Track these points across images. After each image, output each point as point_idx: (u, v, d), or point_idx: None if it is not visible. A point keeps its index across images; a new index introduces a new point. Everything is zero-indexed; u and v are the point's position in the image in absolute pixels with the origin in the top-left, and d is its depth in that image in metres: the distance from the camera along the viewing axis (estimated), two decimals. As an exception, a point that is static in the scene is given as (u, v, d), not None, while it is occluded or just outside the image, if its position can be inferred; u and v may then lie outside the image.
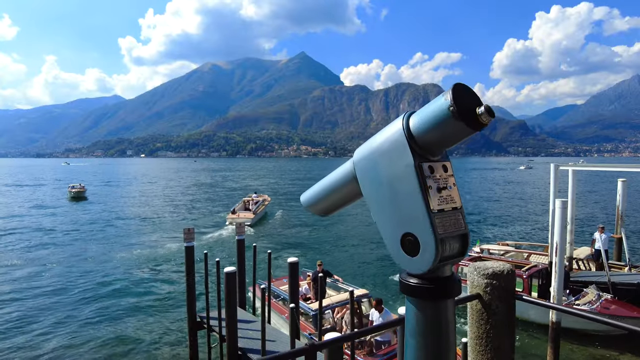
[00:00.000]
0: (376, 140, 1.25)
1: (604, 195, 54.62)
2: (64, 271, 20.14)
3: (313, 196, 1.60)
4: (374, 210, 1.29)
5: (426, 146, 1.17)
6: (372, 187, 1.28)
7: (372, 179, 1.27)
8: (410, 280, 1.22)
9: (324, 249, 25.72)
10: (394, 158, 1.19)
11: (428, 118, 1.11)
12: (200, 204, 48.72)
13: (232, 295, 8.35)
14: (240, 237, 11.86)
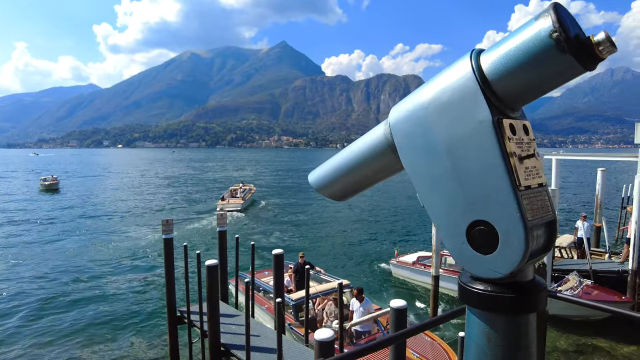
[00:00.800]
0: (427, 92, 0.89)
1: (583, 184, 55.93)
2: (37, 266, 19.30)
3: (328, 175, 1.23)
4: (423, 189, 0.93)
5: (507, 96, 0.82)
6: (420, 157, 0.92)
7: (422, 147, 0.92)
8: (478, 286, 0.87)
9: (306, 238, 25.42)
10: (458, 114, 0.83)
11: (514, 53, 0.75)
12: (181, 195, 47.71)
13: (214, 289, 7.95)
14: (221, 228, 11.41)
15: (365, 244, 23.92)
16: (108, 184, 61.70)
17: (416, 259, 17.05)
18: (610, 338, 11.88)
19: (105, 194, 47.61)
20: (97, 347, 11.55)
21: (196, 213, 34.51)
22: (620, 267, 14.14)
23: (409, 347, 8.90)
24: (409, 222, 30.64)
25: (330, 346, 4.88)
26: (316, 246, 23.65)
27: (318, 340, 4.84)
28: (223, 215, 11.63)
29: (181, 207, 38.66)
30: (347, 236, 26.09)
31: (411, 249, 21.46)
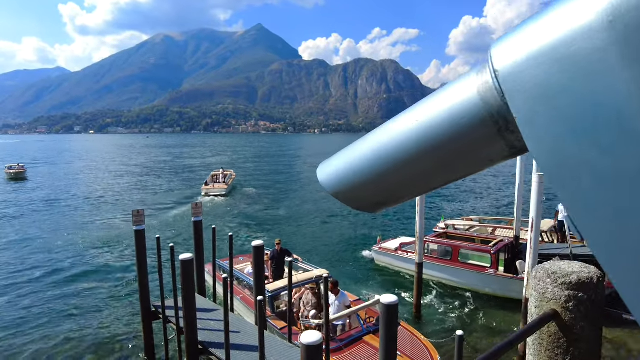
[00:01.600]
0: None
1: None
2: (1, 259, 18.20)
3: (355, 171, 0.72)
4: (596, 205, 0.45)
5: None
6: (595, 141, 0.43)
7: (580, 115, 0.44)
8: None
9: (286, 225, 24.95)
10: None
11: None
12: (156, 182, 46.26)
13: (189, 285, 7.40)
14: (197, 218, 10.77)
15: (347, 230, 23.63)
16: (79, 172, 58.69)
17: (399, 245, 16.82)
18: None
19: (77, 183, 45.39)
20: (68, 345, 10.85)
21: (172, 202, 33.49)
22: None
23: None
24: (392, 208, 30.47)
25: (318, 351, 4.43)
26: (296, 233, 23.21)
27: (305, 344, 4.38)
28: (198, 204, 10.98)
29: (156, 195, 37.48)
30: (327, 222, 25.75)
31: (393, 234, 21.28)
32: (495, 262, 13.82)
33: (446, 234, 17.02)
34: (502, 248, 14.48)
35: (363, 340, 8.66)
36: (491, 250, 13.96)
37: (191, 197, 35.46)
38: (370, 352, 8.28)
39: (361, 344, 8.53)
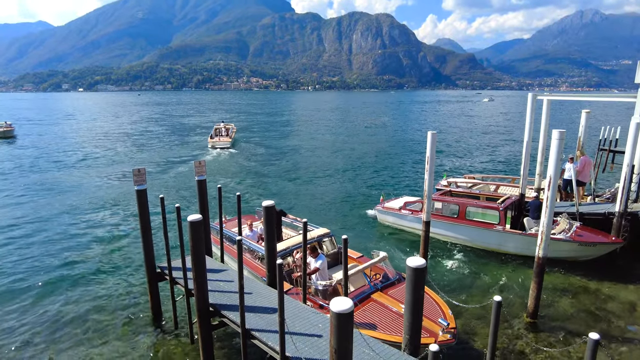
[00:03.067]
0: None
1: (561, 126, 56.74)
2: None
3: None
4: None
5: None
6: None
7: None
8: None
9: (287, 183, 24.61)
10: None
11: None
12: (153, 141, 45.22)
13: (199, 247, 7.07)
14: (200, 177, 10.33)
15: (350, 190, 23.37)
16: (71, 131, 56.67)
17: (402, 204, 16.62)
18: (597, 277, 11.99)
19: (68, 142, 44.04)
20: (71, 305, 10.69)
21: (173, 160, 32.92)
22: (606, 209, 14.13)
23: (398, 300, 8.44)
24: (393, 167, 30.21)
25: (350, 318, 4.16)
26: (297, 192, 22.93)
27: (336, 312, 4.09)
28: (201, 163, 10.50)
29: (156, 154, 36.77)
30: (330, 182, 25.44)
31: (396, 194, 21.08)
32: (503, 218, 13.69)
33: (450, 192, 16.79)
34: (509, 205, 14.32)
35: (371, 298, 8.54)
36: (499, 207, 13.79)
37: (192, 155, 34.96)
38: (379, 309, 8.17)
39: (370, 302, 8.40)
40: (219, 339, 8.97)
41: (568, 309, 10.40)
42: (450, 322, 7.60)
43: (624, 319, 9.98)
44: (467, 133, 52.61)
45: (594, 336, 4.34)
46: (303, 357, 5.86)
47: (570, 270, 12.39)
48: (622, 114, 77.49)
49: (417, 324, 5.89)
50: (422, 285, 5.57)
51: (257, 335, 6.60)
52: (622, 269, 12.55)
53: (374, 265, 9.43)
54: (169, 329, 9.50)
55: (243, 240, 11.32)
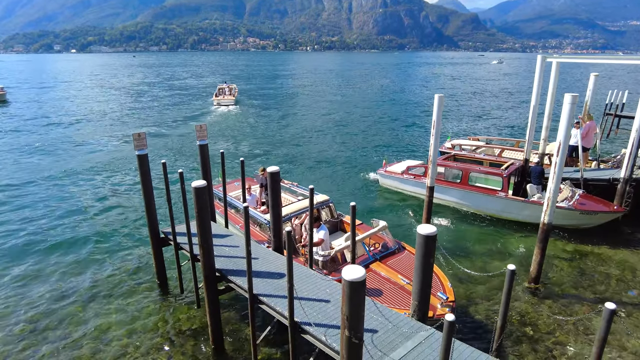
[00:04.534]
0: None
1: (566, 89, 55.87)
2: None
3: None
4: None
5: None
6: None
7: None
8: None
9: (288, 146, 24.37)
10: None
11: None
12: (155, 104, 44.28)
13: (204, 213, 6.97)
14: (202, 141, 10.09)
15: (351, 153, 23.19)
16: (67, 94, 54.77)
17: (405, 168, 16.50)
18: (599, 244, 12.07)
19: (64, 106, 42.98)
20: (76, 273, 10.75)
21: (173, 123, 32.46)
22: (610, 175, 14.05)
23: (397, 271, 8.43)
24: (395, 130, 29.89)
25: (362, 287, 4.11)
26: (296, 155, 22.73)
27: (349, 280, 4.04)
28: (202, 127, 10.23)
29: (155, 117, 36.24)
30: (330, 145, 25.20)
31: (399, 157, 20.92)
32: (507, 185, 13.62)
33: (454, 156, 16.65)
34: (513, 171, 14.21)
35: (370, 269, 8.46)
36: (503, 173, 13.69)
37: (194, 117, 34.50)
38: (377, 279, 8.11)
39: (368, 272, 8.33)
40: (224, 303, 9.07)
41: (569, 275, 10.50)
42: (449, 295, 7.58)
43: (624, 284, 10.10)
44: (474, 96, 51.81)
45: (610, 306, 4.32)
46: (312, 322, 5.89)
47: (571, 237, 12.45)
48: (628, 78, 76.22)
49: (426, 291, 5.90)
50: (432, 253, 5.53)
51: (265, 301, 6.63)
52: (624, 235, 12.63)
53: (374, 234, 9.34)
54: (175, 293, 9.59)
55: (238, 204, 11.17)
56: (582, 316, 8.61)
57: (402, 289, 7.81)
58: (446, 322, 3.89)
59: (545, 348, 7.78)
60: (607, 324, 4.44)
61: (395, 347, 5.42)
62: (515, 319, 8.61)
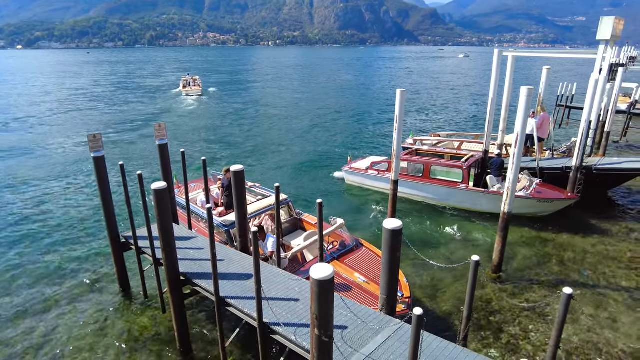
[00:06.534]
0: None
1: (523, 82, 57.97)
2: None
3: None
4: None
5: None
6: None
7: None
8: None
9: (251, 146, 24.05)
10: None
11: None
12: (112, 103, 42.37)
13: (166, 216, 6.74)
14: (161, 141, 9.75)
15: (315, 151, 23.16)
16: (14, 93, 51.24)
17: (369, 164, 16.65)
18: (555, 230, 12.63)
19: (10, 107, 40.21)
20: (32, 283, 10.18)
21: (132, 123, 31.24)
22: (563, 163, 14.72)
23: (355, 269, 8.43)
24: (360, 127, 30.07)
25: (331, 285, 4.08)
26: (259, 153, 22.48)
27: (317, 279, 4.00)
28: (161, 125, 9.86)
29: (113, 116, 34.80)
30: (294, 143, 25.08)
31: (363, 154, 21.09)
32: (467, 177, 14.00)
33: (416, 151, 16.95)
34: (473, 163, 14.62)
35: None
36: (463, 165, 14.05)
37: (153, 117, 33.36)
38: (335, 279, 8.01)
39: None
40: (191, 306, 8.86)
41: (529, 262, 10.94)
42: (404, 292, 7.63)
43: (578, 266, 10.64)
44: (437, 90, 52.95)
45: (567, 291, 4.50)
46: (282, 323, 5.83)
47: (530, 224, 12.97)
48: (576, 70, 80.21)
49: (394, 285, 5.96)
50: (398, 247, 5.58)
51: (233, 303, 6.50)
52: (576, 221, 13.28)
53: (332, 232, 9.31)
54: (139, 299, 9.27)
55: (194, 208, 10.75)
56: (543, 301, 8.98)
57: (360, 287, 7.82)
58: (414, 317, 3.93)
59: (510, 333, 8.07)
60: (564, 308, 4.63)
61: (366, 342, 5.45)
62: (481, 307, 8.88)
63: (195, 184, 13.08)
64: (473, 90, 52.74)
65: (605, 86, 16.39)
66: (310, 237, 9.14)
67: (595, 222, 13.21)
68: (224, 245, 9.01)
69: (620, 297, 9.32)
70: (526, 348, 7.69)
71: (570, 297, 4.51)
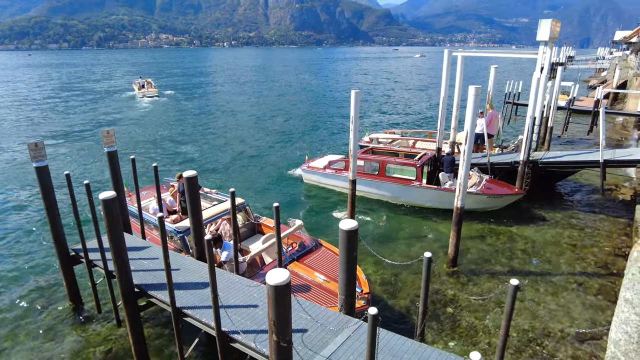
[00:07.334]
0: None
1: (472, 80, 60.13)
2: None
3: None
4: None
5: None
6: None
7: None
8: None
9: (202, 146, 23.57)
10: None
11: None
12: (57, 108, 40.08)
13: (116, 226, 6.49)
14: (110, 148, 9.35)
15: (273, 152, 23.02)
16: None
17: (327, 163, 16.76)
18: (506, 223, 13.21)
19: None
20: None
21: (79, 130, 29.71)
22: (512, 158, 15.44)
23: (315, 269, 8.49)
24: (317, 126, 30.16)
25: (287, 290, 4.07)
26: (216, 157, 22.07)
27: (273, 285, 3.98)
28: (109, 132, 9.46)
29: (59, 123, 32.94)
30: (251, 145, 24.81)
31: (321, 153, 21.17)
32: (420, 174, 14.38)
33: (372, 150, 17.23)
34: (426, 161, 15.04)
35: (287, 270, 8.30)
36: (416, 163, 14.43)
37: (103, 123, 31.89)
38: (294, 280, 7.98)
39: None
40: (147, 319, 8.56)
41: (483, 255, 11.39)
42: (363, 288, 7.73)
43: (528, 256, 11.20)
44: (393, 89, 54.02)
45: (514, 282, 4.71)
46: (240, 330, 5.75)
47: (482, 219, 13.50)
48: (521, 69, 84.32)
49: (352, 285, 6.02)
50: (355, 247, 5.65)
51: (190, 313, 6.34)
52: (524, 213, 13.97)
53: (291, 234, 9.31)
54: (92, 314, 8.85)
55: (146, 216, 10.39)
56: (496, 292, 9.37)
57: (320, 286, 7.87)
58: (370, 316, 3.99)
59: (466, 325, 8.37)
60: (512, 299, 4.85)
61: (326, 344, 5.48)
62: (439, 301, 9.16)
63: (147, 191, 12.65)
64: (429, 89, 54.31)
65: (547, 84, 17.32)
66: (269, 240, 9.07)
67: (543, 213, 13.95)
68: (179, 253, 8.78)
69: (566, 281, 9.90)
70: (482, 337, 8.01)
71: (517, 288, 4.74)
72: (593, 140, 23.31)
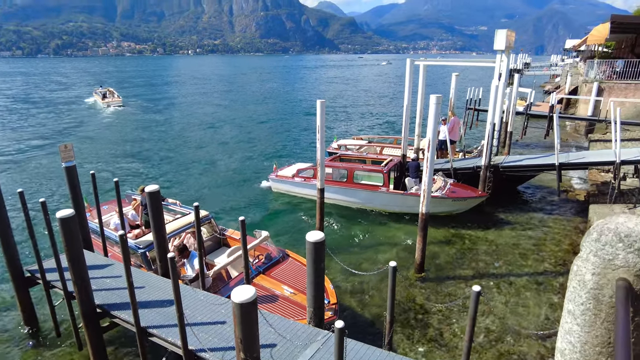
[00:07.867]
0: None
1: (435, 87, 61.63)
2: None
3: None
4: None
5: None
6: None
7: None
8: None
9: (166, 158, 23.07)
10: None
11: None
12: (7, 121, 38.40)
13: (75, 245, 6.25)
14: (68, 163, 8.97)
15: (240, 162, 22.79)
16: None
17: (295, 172, 16.77)
18: (470, 227, 13.58)
19: None
20: None
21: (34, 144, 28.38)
22: (474, 163, 15.93)
23: (281, 281, 8.41)
24: (285, 135, 30.10)
25: (253, 307, 4.03)
26: (180, 169, 21.63)
27: (238, 302, 3.94)
28: (67, 146, 9.07)
29: (10, 136, 31.38)
30: (218, 156, 24.48)
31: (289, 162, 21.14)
32: (387, 180, 14.62)
33: (340, 157, 17.37)
34: (392, 167, 15.31)
35: (253, 283, 8.19)
36: (383, 170, 14.66)
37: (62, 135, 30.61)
38: (261, 294, 7.86)
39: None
40: (110, 340, 8.24)
41: (449, 259, 11.65)
42: (331, 298, 7.70)
43: (492, 258, 11.55)
44: (359, 97, 54.70)
45: (475, 289, 4.84)
46: (207, 348, 5.63)
47: (447, 223, 13.83)
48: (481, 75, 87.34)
49: (320, 296, 6.02)
50: (322, 258, 5.66)
51: (155, 332, 6.17)
52: (487, 216, 14.41)
53: (257, 246, 9.20)
54: (51, 338, 8.42)
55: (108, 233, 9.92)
56: (461, 297, 9.60)
57: (288, 300, 7.82)
58: (336, 330, 4.00)
59: (434, 331, 8.52)
60: (474, 305, 4.99)
61: (295, 357, 5.44)
62: (407, 307, 9.28)
63: (109, 205, 12.23)
64: (395, 95, 55.36)
65: (505, 90, 18.04)
66: (234, 253, 8.93)
67: (505, 216, 14.44)
68: (142, 270, 8.52)
69: (527, 282, 10.27)
70: (450, 341, 8.17)
71: (479, 294, 4.88)
72: (550, 143, 24.39)
